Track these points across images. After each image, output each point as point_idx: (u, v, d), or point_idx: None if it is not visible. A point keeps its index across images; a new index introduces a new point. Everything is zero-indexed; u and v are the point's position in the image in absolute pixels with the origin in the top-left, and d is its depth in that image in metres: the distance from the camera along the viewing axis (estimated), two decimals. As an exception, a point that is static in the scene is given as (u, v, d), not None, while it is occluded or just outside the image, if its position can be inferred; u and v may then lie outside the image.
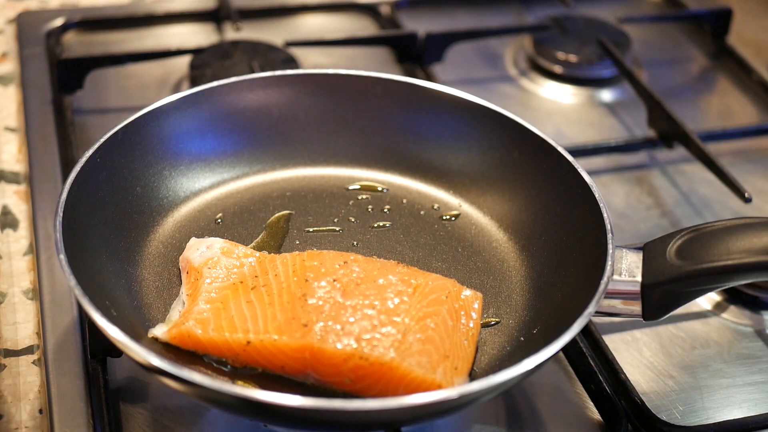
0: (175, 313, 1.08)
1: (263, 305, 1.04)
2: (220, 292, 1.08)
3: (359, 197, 1.28)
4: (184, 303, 1.09)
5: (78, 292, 0.97)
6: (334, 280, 1.05)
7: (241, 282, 1.09)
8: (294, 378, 1.02)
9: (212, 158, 1.27)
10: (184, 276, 1.12)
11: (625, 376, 1.13)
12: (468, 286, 1.13)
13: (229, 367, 1.03)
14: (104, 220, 1.13)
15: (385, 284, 1.05)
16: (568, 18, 1.75)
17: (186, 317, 1.05)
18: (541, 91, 1.65)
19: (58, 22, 1.65)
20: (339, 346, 0.98)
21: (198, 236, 1.19)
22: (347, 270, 1.07)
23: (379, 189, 1.29)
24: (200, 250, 1.13)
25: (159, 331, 1.06)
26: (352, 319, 1.01)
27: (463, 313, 1.07)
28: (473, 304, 1.08)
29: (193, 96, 1.24)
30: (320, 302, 1.02)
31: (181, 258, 1.14)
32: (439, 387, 0.97)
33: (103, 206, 1.14)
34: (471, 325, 1.06)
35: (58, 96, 1.50)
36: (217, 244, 1.13)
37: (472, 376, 1.06)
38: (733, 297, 1.27)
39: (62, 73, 1.52)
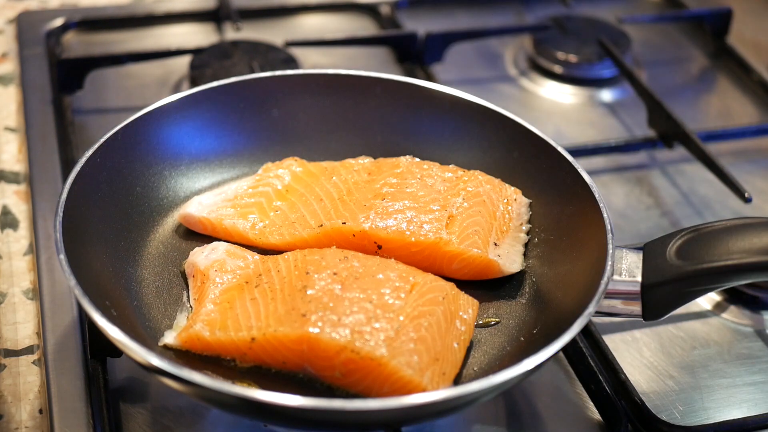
0: (183, 318, 1.09)
1: (266, 301, 1.05)
2: (226, 292, 1.08)
3: (359, 197, 1.28)
4: (191, 309, 1.10)
5: (78, 292, 0.97)
6: (334, 273, 1.05)
7: (247, 282, 1.09)
8: (293, 373, 1.03)
9: (212, 158, 1.27)
10: (190, 281, 1.13)
11: (625, 376, 1.13)
12: (468, 285, 1.13)
13: (233, 364, 1.04)
14: (104, 220, 1.13)
15: (383, 279, 1.06)
16: (568, 18, 1.75)
17: (194, 320, 1.06)
18: (541, 91, 1.65)
19: (58, 22, 1.65)
20: (334, 335, 0.98)
21: (197, 238, 1.19)
22: (347, 264, 1.07)
23: (379, 189, 1.29)
24: (205, 254, 1.13)
25: (169, 338, 1.06)
26: (348, 312, 1.01)
27: (458, 316, 1.07)
28: (468, 309, 1.08)
29: (193, 96, 1.24)
30: (319, 293, 1.03)
31: (186, 264, 1.14)
32: (424, 391, 0.97)
33: (103, 206, 1.14)
34: (463, 329, 1.06)
35: (58, 96, 1.50)
36: (221, 246, 1.14)
37: (473, 376, 1.06)
38: (733, 297, 1.27)
39: (62, 73, 1.52)
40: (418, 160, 1.23)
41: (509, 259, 1.16)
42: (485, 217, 1.17)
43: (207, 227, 1.19)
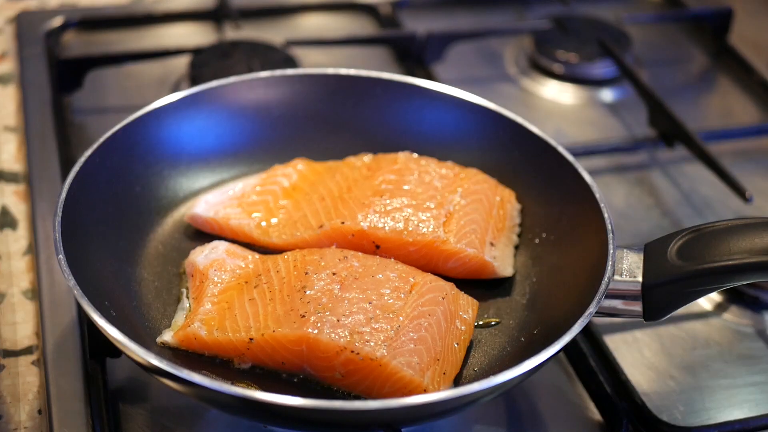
0: (181, 317, 1.08)
1: (265, 301, 1.05)
2: (225, 292, 1.08)
3: (359, 197, 1.28)
4: (190, 309, 1.10)
5: (77, 292, 0.97)
6: (334, 273, 1.05)
7: (246, 282, 1.09)
8: (293, 374, 1.03)
9: (212, 158, 1.27)
10: (189, 280, 1.12)
11: (626, 376, 1.13)
12: (468, 285, 1.13)
13: (233, 364, 1.04)
14: (103, 220, 1.13)
15: (383, 279, 1.05)
16: (568, 18, 1.75)
17: (192, 319, 1.06)
18: (541, 90, 1.65)
19: (58, 21, 1.65)
20: (334, 336, 0.98)
21: (196, 237, 1.19)
22: (347, 264, 1.07)
23: (379, 189, 1.29)
24: (205, 253, 1.13)
25: (167, 336, 1.06)
26: (348, 312, 1.01)
27: (458, 316, 1.06)
28: (468, 309, 1.08)
29: (193, 96, 1.24)
30: (318, 294, 1.03)
31: (186, 263, 1.14)
32: (424, 391, 0.97)
33: (102, 206, 1.14)
34: (463, 329, 1.06)
35: (57, 96, 1.50)
36: (221, 246, 1.14)
37: (473, 377, 1.06)
38: (734, 297, 1.27)
39: (61, 73, 1.52)
40: (416, 155, 1.23)
41: (504, 262, 1.16)
42: (482, 214, 1.17)
43: (214, 227, 1.19)
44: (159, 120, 1.22)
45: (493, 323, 1.12)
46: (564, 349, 0.98)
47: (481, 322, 1.12)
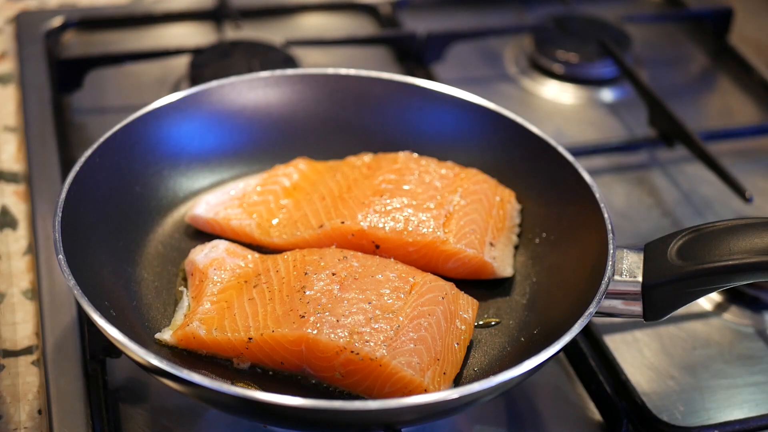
0: (180, 316, 1.08)
1: (264, 301, 1.05)
2: (224, 291, 1.08)
3: (359, 197, 1.27)
4: (189, 306, 1.09)
5: (77, 292, 0.97)
6: (333, 274, 1.05)
7: (245, 281, 1.09)
8: (292, 374, 1.03)
9: (212, 158, 1.27)
10: (189, 279, 1.12)
11: (626, 376, 1.13)
12: (468, 285, 1.13)
13: (232, 364, 1.04)
14: (103, 220, 1.13)
15: (383, 280, 1.05)
16: (568, 17, 1.75)
17: (191, 318, 1.06)
18: (541, 90, 1.65)
19: (57, 21, 1.65)
20: (333, 337, 0.98)
21: (196, 237, 1.19)
22: (346, 264, 1.07)
23: (379, 189, 1.29)
24: (205, 252, 1.13)
25: (166, 335, 1.06)
26: (347, 312, 1.01)
27: (458, 316, 1.06)
28: (468, 309, 1.08)
29: (193, 96, 1.24)
30: (318, 294, 1.03)
31: (186, 262, 1.14)
32: (425, 391, 0.97)
33: (102, 206, 1.13)
34: (463, 328, 1.06)
35: (57, 96, 1.50)
36: (221, 245, 1.14)
37: (473, 377, 1.06)
38: (734, 297, 1.27)
39: (61, 73, 1.52)
40: (416, 155, 1.23)
41: (504, 263, 1.16)
42: (482, 214, 1.17)
43: (215, 228, 1.19)
44: (159, 120, 1.22)
45: (493, 323, 1.12)
46: (564, 349, 0.98)
47: (481, 322, 1.12)
